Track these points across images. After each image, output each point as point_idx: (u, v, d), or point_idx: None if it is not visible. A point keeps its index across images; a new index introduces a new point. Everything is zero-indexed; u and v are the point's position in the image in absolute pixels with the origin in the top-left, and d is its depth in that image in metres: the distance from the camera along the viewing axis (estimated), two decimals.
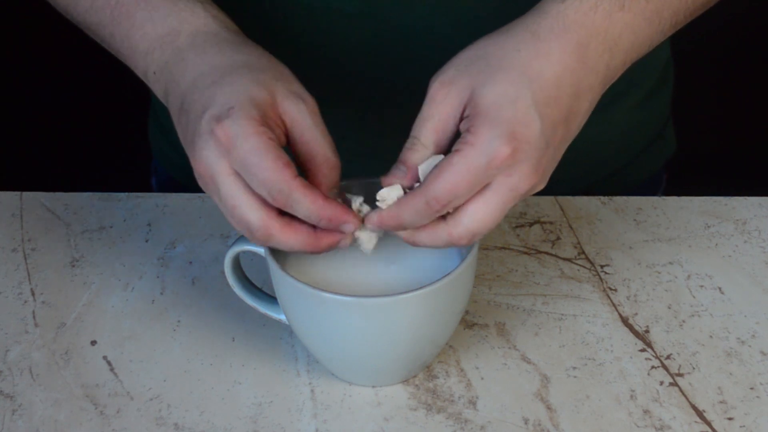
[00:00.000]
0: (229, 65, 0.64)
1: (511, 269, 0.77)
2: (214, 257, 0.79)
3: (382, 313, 0.62)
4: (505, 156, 0.58)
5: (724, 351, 0.71)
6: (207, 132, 0.60)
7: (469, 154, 0.59)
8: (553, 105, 0.60)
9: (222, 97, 0.61)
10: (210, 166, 0.60)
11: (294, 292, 0.64)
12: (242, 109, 0.60)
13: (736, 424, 0.65)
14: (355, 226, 0.62)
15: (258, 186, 0.60)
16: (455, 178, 0.59)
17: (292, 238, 0.61)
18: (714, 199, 0.83)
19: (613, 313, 0.73)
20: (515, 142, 0.58)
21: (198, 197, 0.84)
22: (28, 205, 0.84)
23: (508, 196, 0.60)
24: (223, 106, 0.60)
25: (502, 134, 0.58)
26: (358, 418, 0.66)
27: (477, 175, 0.59)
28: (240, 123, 0.59)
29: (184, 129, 0.63)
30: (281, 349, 0.71)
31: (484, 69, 0.61)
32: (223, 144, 0.59)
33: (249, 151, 0.59)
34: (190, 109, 0.62)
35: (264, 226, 0.60)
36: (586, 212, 0.82)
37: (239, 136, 0.59)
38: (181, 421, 0.66)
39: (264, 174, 0.59)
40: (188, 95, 0.63)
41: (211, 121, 0.60)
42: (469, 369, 0.69)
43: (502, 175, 0.59)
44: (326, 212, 0.60)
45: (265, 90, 0.62)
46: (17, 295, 0.76)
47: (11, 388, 0.69)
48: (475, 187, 0.59)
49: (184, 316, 0.74)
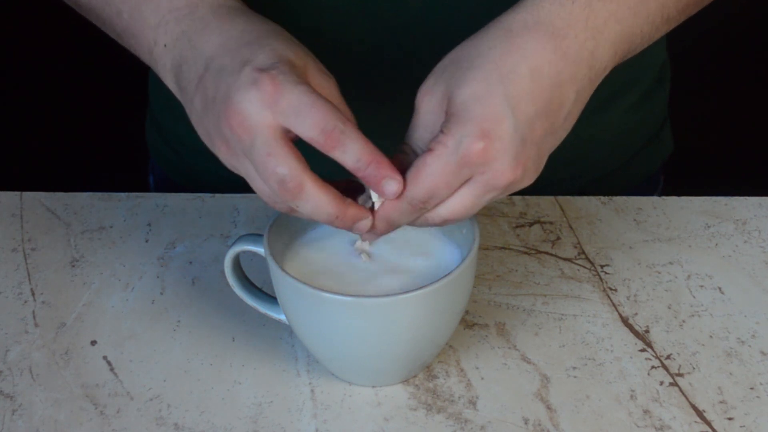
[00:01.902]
0: (262, 30, 0.63)
1: (511, 269, 0.77)
2: (214, 257, 0.79)
3: (382, 313, 0.62)
4: (477, 153, 0.58)
5: (724, 351, 0.71)
6: (250, 82, 0.59)
7: (441, 154, 0.59)
8: (529, 99, 0.60)
9: (263, 54, 0.60)
10: (250, 116, 0.59)
11: (294, 292, 0.64)
12: (287, 64, 0.60)
13: (736, 424, 0.65)
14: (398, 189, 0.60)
15: (311, 126, 0.58)
16: (431, 179, 0.59)
17: (323, 195, 0.60)
18: (714, 199, 0.83)
19: (613, 313, 0.73)
20: (486, 139, 0.58)
21: (198, 197, 0.84)
22: (28, 205, 0.84)
23: (483, 191, 0.60)
24: (267, 61, 0.60)
25: (472, 132, 0.59)
26: (358, 418, 0.66)
27: (451, 173, 0.59)
28: (287, 74, 0.59)
29: (209, 91, 0.61)
30: (281, 349, 0.71)
31: (457, 72, 0.61)
32: (269, 93, 0.58)
33: (301, 93, 0.58)
34: (222, 68, 0.61)
35: (299, 176, 0.59)
36: (586, 212, 0.82)
37: (288, 84, 0.58)
38: (181, 421, 0.66)
39: (319, 111, 0.58)
40: (218, 56, 0.62)
41: (255, 72, 0.59)
42: (469, 369, 0.69)
43: (478, 174, 0.59)
44: (377, 156, 0.59)
45: (300, 59, 0.62)
46: (17, 295, 0.76)
47: (11, 388, 0.69)
48: (452, 186, 0.60)
49: (184, 316, 0.74)
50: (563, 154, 0.64)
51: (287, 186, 0.59)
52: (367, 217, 0.61)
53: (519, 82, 0.60)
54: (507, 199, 0.83)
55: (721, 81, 1.97)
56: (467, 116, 0.59)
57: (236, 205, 0.83)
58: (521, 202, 0.83)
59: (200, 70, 0.63)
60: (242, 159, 0.61)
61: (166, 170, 0.97)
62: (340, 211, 0.60)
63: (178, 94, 0.65)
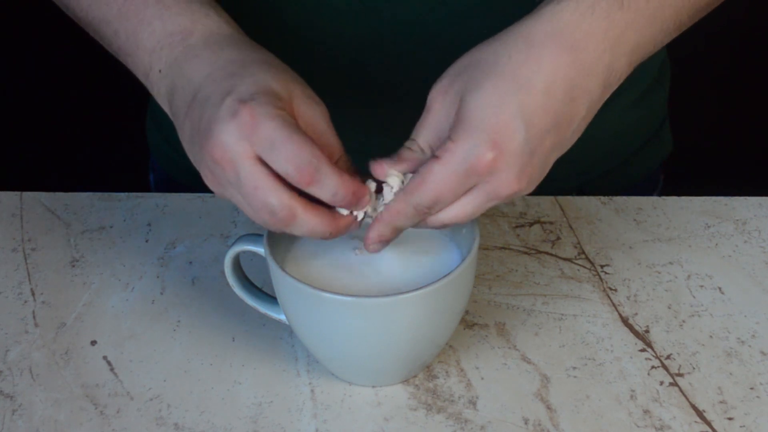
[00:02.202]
0: (249, 60, 0.64)
1: (511, 269, 0.77)
2: (214, 257, 0.79)
3: (382, 313, 0.62)
4: (486, 163, 0.59)
5: (724, 351, 0.71)
6: (229, 114, 0.59)
7: (449, 162, 0.59)
8: (542, 113, 0.60)
9: (244, 85, 0.61)
10: (230, 148, 0.59)
11: (294, 292, 0.64)
12: (267, 95, 0.60)
13: (736, 424, 0.65)
14: (368, 203, 0.62)
15: (285, 162, 0.59)
16: (437, 186, 0.60)
17: (315, 218, 0.61)
18: (714, 199, 0.83)
19: (613, 313, 0.73)
20: (496, 150, 0.59)
21: (198, 197, 0.84)
22: (28, 205, 0.84)
23: (486, 199, 0.61)
24: (247, 92, 0.60)
25: (483, 142, 0.59)
26: (358, 418, 0.66)
27: (458, 181, 0.59)
28: (265, 105, 0.59)
29: (195, 122, 0.62)
30: (281, 349, 0.71)
31: (474, 76, 0.61)
32: (247, 125, 0.59)
33: (276, 128, 0.58)
34: (206, 98, 0.62)
35: (288, 206, 0.60)
36: (586, 212, 0.82)
37: (265, 116, 0.59)
38: (181, 421, 0.66)
39: (293, 147, 0.58)
40: (204, 87, 0.63)
41: (235, 103, 0.60)
42: (469, 369, 0.69)
43: (483, 181, 0.60)
44: (351, 187, 0.60)
45: (284, 89, 0.62)
46: (17, 295, 0.76)
47: (11, 388, 0.69)
48: (458, 192, 0.60)
49: (184, 316, 0.74)
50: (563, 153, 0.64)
51: (278, 216, 0.60)
52: (356, 224, 0.63)
53: (534, 96, 0.60)
54: None
55: (721, 81, 1.97)
56: (479, 125, 0.59)
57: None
58: (521, 202, 0.83)
59: (189, 99, 0.63)
60: (228, 188, 0.61)
61: (167, 168, 0.97)
62: (333, 228, 0.62)
63: (173, 119, 0.66)
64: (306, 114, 0.62)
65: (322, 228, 0.61)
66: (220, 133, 0.59)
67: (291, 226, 0.61)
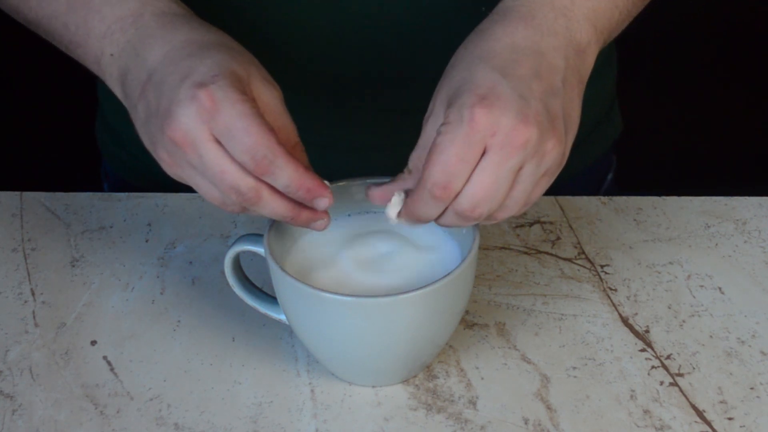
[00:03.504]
0: (205, 41, 0.64)
1: (511, 269, 0.77)
2: (214, 257, 0.79)
3: (382, 313, 0.62)
4: (480, 116, 0.58)
5: (724, 351, 0.71)
6: (188, 98, 0.60)
7: (448, 131, 0.59)
8: (515, 65, 0.61)
9: (204, 67, 0.61)
10: (190, 131, 0.60)
11: (294, 292, 0.64)
12: (227, 78, 0.60)
13: (736, 424, 0.65)
14: (329, 204, 0.62)
15: (241, 151, 0.60)
16: (443, 157, 0.59)
17: (279, 201, 0.62)
18: (714, 199, 0.83)
19: (613, 313, 0.73)
20: (486, 102, 0.59)
21: (198, 197, 0.84)
22: (28, 205, 0.84)
23: (502, 156, 0.59)
24: (207, 74, 0.61)
25: (470, 100, 0.59)
26: (358, 418, 0.66)
27: (463, 146, 0.59)
28: (225, 89, 0.60)
29: (152, 105, 0.63)
30: (281, 349, 0.71)
31: (444, 82, 0.62)
32: (206, 109, 0.59)
33: (235, 115, 0.59)
34: (163, 80, 0.62)
35: (255, 188, 0.61)
36: (586, 212, 0.82)
37: (224, 101, 0.59)
38: (181, 421, 0.66)
39: (250, 138, 0.59)
40: (160, 68, 0.63)
41: (194, 87, 0.60)
42: (469, 369, 0.69)
43: (489, 138, 0.59)
44: (306, 182, 0.61)
45: (243, 69, 0.62)
46: (17, 295, 0.76)
47: (11, 388, 0.69)
48: (468, 160, 0.59)
49: (184, 316, 0.74)
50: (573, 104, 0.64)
51: (246, 196, 0.61)
52: (322, 218, 0.63)
53: (500, 56, 0.61)
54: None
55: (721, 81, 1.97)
56: (462, 94, 0.60)
57: None
58: None
59: (143, 80, 0.64)
60: (187, 169, 0.62)
61: (121, 173, 0.97)
62: (294, 215, 0.63)
63: (125, 101, 0.66)
64: (263, 96, 0.63)
65: (283, 212, 0.62)
66: (180, 116, 0.60)
67: (254, 207, 0.62)
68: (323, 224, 0.64)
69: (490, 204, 0.60)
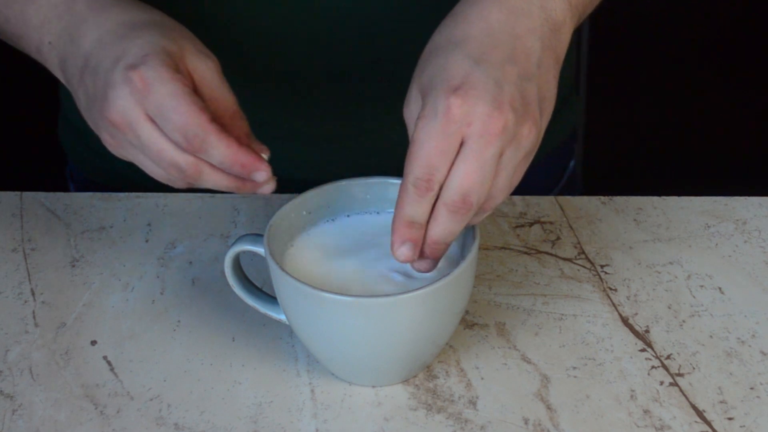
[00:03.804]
0: (136, 21, 0.65)
1: (511, 269, 0.77)
2: (214, 257, 0.79)
3: (382, 313, 0.62)
4: (455, 107, 0.58)
5: (724, 351, 0.71)
6: (122, 80, 0.61)
7: (424, 125, 0.59)
8: (489, 50, 0.61)
9: (135, 48, 0.62)
10: (126, 113, 0.61)
11: (294, 292, 0.64)
12: (157, 56, 0.62)
13: (736, 424, 0.65)
14: (266, 176, 0.63)
15: (173, 130, 0.61)
16: (423, 152, 0.59)
17: (219, 175, 0.63)
18: (714, 199, 0.83)
19: (613, 313, 0.73)
20: (460, 92, 0.59)
21: (198, 197, 0.84)
22: (28, 205, 0.84)
23: (481, 144, 0.59)
24: (138, 55, 0.62)
25: (444, 91, 0.59)
26: (358, 418, 0.66)
27: (440, 137, 0.59)
28: (156, 69, 0.61)
29: (90, 89, 0.64)
30: (281, 349, 0.71)
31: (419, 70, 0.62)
32: (139, 90, 0.61)
33: (166, 95, 0.60)
34: (98, 64, 0.64)
35: (194, 164, 0.62)
36: (586, 212, 0.82)
37: (156, 81, 0.61)
38: (181, 421, 0.66)
39: (181, 118, 0.60)
40: (95, 52, 0.64)
41: (126, 69, 0.61)
42: (469, 369, 0.69)
43: (466, 128, 0.59)
44: (240, 157, 0.62)
45: (175, 45, 0.63)
46: (17, 295, 0.76)
47: (11, 388, 0.69)
48: (447, 151, 0.59)
49: (184, 316, 0.74)
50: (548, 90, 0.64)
51: (186, 173, 0.62)
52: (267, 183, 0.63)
53: (475, 41, 0.61)
54: (507, 199, 0.83)
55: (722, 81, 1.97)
56: (435, 84, 0.60)
57: (236, 205, 0.83)
58: (521, 202, 0.83)
59: (80, 65, 0.65)
60: (130, 149, 0.63)
61: (86, 173, 0.97)
62: (237, 186, 0.64)
63: (67, 87, 0.68)
64: (198, 69, 0.64)
65: (226, 184, 0.63)
66: (115, 98, 0.61)
67: (197, 182, 0.63)
68: (269, 188, 0.64)
69: (479, 192, 0.60)
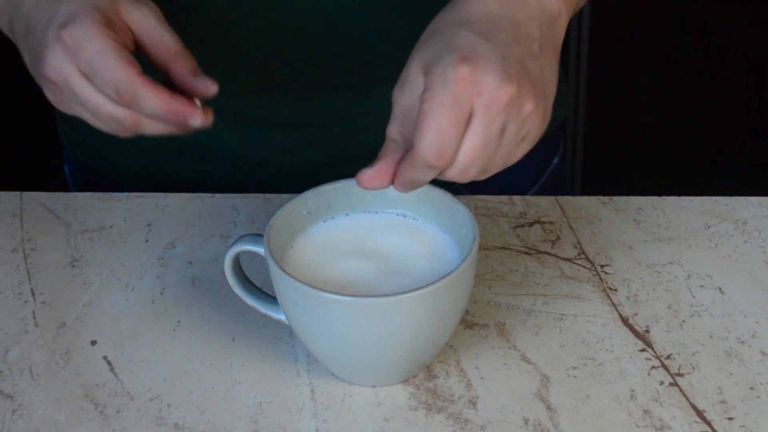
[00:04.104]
0: None
1: (511, 269, 0.77)
2: (214, 257, 0.79)
3: (382, 313, 0.62)
4: (465, 76, 0.58)
5: (724, 351, 0.71)
6: (54, 40, 0.63)
7: (434, 94, 0.59)
8: (493, 31, 0.61)
9: (65, 7, 0.64)
10: (60, 71, 0.63)
11: (294, 292, 0.64)
12: (86, 14, 0.63)
13: (736, 424, 0.65)
14: (201, 121, 0.64)
15: (104, 85, 0.63)
16: (435, 123, 0.59)
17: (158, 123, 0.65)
18: (714, 199, 0.83)
19: (613, 313, 0.73)
20: (470, 61, 0.59)
21: (198, 197, 0.84)
22: (28, 205, 0.84)
23: (490, 116, 0.59)
24: (68, 14, 0.64)
25: (454, 60, 0.59)
26: (358, 418, 0.66)
27: (451, 107, 0.58)
28: (84, 26, 0.63)
29: (31, 49, 0.66)
30: (281, 349, 0.71)
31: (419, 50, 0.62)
32: (70, 48, 0.63)
33: (94, 52, 0.62)
34: (35, 26, 0.66)
35: (131, 116, 0.64)
36: (586, 212, 0.82)
37: (84, 39, 0.62)
38: (181, 421, 0.66)
39: (109, 73, 0.62)
40: (33, 13, 0.67)
41: (58, 28, 0.63)
42: (469, 369, 0.69)
43: (475, 98, 0.59)
44: (172, 107, 0.63)
45: (106, 1, 0.65)
46: (17, 295, 0.76)
47: (11, 388, 0.69)
48: (459, 123, 0.59)
49: (184, 316, 0.74)
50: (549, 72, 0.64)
51: (126, 124, 0.65)
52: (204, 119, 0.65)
53: (478, 23, 0.61)
54: (507, 199, 0.83)
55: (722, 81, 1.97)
56: (443, 57, 0.60)
57: (236, 205, 0.83)
58: (521, 202, 0.83)
59: (23, 27, 0.68)
60: (73, 105, 0.66)
61: (80, 157, 0.98)
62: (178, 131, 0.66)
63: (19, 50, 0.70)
64: (134, 17, 0.65)
65: (168, 129, 0.65)
66: (50, 57, 0.63)
67: (140, 131, 0.65)
68: (208, 122, 0.65)
69: (479, 166, 0.60)
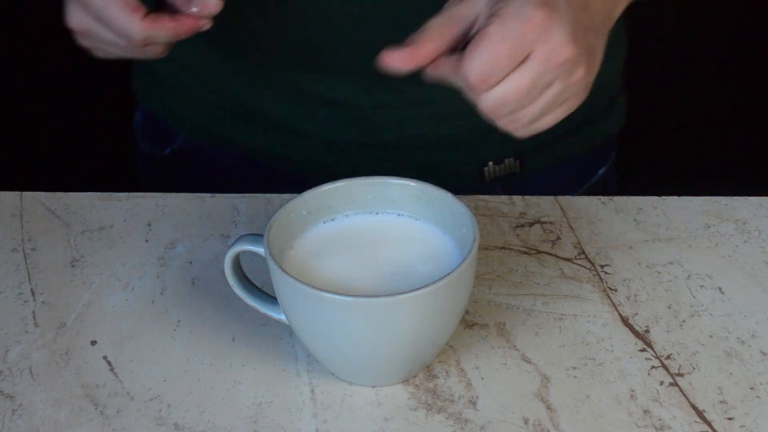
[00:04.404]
0: None
1: (511, 269, 0.77)
2: (214, 257, 0.79)
3: (382, 313, 0.62)
4: (539, 20, 0.58)
5: (724, 351, 0.71)
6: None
7: (504, 21, 0.58)
8: None
9: None
10: (80, 22, 0.73)
11: (294, 292, 0.64)
12: None
13: (736, 424, 0.65)
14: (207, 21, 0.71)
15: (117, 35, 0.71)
16: (492, 48, 0.58)
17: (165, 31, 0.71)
18: (714, 199, 0.83)
19: (613, 313, 0.73)
20: (546, 9, 0.58)
21: (198, 197, 0.84)
22: (28, 205, 0.84)
23: (543, 67, 0.59)
24: None
25: (534, 2, 0.58)
26: (358, 418, 0.66)
27: (515, 40, 0.58)
28: None
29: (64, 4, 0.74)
30: (281, 349, 0.71)
31: None
32: (81, 2, 0.71)
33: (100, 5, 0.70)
34: None
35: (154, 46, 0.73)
36: (586, 212, 0.82)
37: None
38: (181, 421, 0.66)
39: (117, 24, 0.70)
40: None
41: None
42: (469, 369, 0.69)
43: (540, 44, 0.58)
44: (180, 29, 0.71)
45: None
46: (17, 295, 0.76)
47: (11, 388, 0.69)
48: (515, 58, 0.58)
49: (184, 316, 0.74)
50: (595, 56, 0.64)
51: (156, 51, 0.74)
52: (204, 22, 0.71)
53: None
54: (507, 199, 0.83)
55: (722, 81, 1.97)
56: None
57: (236, 205, 0.83)
58: (521, 202, 0.83)
59: None
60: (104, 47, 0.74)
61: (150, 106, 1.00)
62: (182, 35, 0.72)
63: None
64: None
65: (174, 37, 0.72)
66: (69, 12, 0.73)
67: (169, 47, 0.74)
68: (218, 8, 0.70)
69: (511, 108, 0.60)
